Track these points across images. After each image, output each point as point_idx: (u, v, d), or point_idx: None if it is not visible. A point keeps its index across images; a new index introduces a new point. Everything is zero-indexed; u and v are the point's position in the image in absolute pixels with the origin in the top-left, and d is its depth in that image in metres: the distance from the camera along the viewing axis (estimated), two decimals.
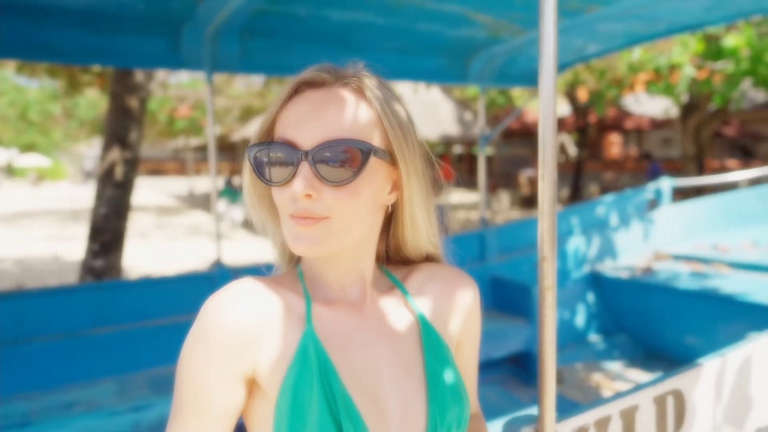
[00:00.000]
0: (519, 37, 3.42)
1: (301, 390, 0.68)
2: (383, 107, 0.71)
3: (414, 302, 0.80)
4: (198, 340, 0.69)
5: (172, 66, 2.93)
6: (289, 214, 0.70)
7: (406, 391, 0.74)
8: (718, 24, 3.28)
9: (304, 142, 0.68)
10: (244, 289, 0.71)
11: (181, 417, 0.70)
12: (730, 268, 4.06)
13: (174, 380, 0.72)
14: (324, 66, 0.74)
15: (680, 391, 1.38)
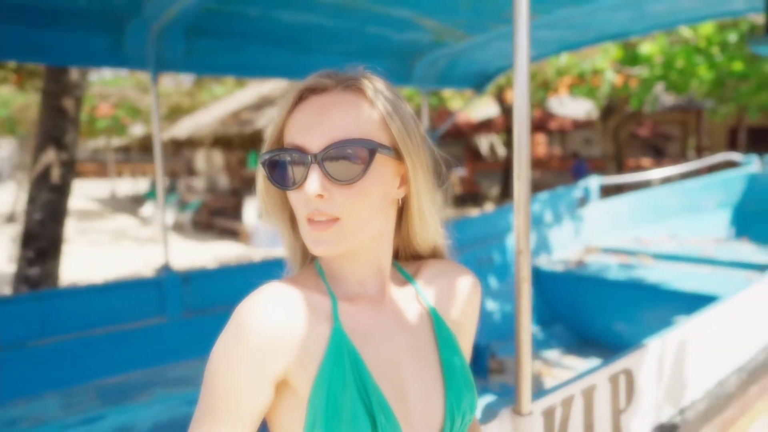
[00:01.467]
0: (462, 41, 3.56)
1: (335, 385, 0.72)
2: (385, 105, 0.75)
3: (425, 296, 0.86)
4: (233, 344, 0.71)
5: (114, 64, 2.83)
6: (306, 217, 0.73)
7: (425, 380, 0.79)
8: (641, 34, 3.57)
9: (312, 146, 0.72)
10: (276, 293, 0.74)
11: (211, 419, 0.72)
12: (652, 259, 4.40)
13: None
14: (325, 72, 0.77)
15: (630, 370, 1.52)
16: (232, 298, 2.73)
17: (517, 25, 1.10)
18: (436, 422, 0.78)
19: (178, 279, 2.96)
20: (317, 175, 0.71)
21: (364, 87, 0.75)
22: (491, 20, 3.14)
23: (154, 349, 2.85)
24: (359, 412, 0.72)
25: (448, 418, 0.79)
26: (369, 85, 0.75)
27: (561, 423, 1.32)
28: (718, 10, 2.95)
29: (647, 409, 1.60)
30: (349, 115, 0.73)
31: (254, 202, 11.97)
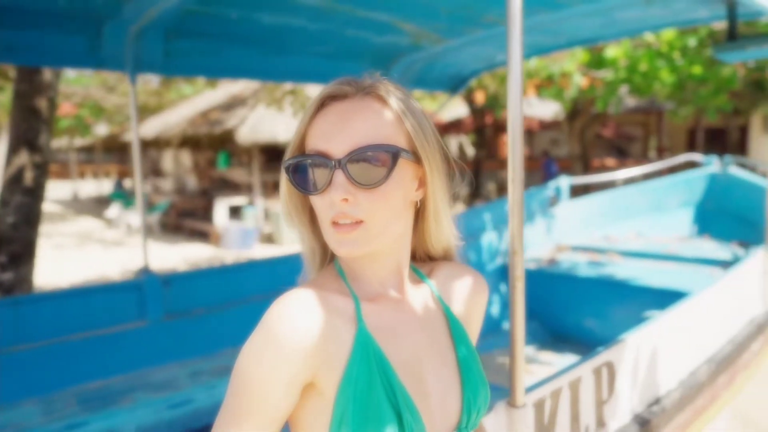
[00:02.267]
0: (438, 45, 3.62)
1: (361, 384, 0.74)
2: (403, 110, 0.78)
3: (440, 296, 0.89)
4: (264, 350, 0.72)
5: (92, 66, 2.78)
6: (330, 220, 0.76)
7: (444, 377, 0.83)
8: (610, 39, 3.70)
9: (336, 152, 0.74)
10: (303, 299, 0.75)
11: (238, 422, 0.73)
12: (620, 257, 4.56)
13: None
14: (345, 79, 0.80)
15: (611, 363, 1.60)
16: (213, 301, 2.75)
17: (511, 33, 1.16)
18: (453, 417, 0.82)
19: (159, 282, 2.93)
20: (342, 179, 0.74)
21: (383, 93, 0.78)
22: (467, 25, 3.21)
23: (135, 354, 2.82)
24: (386, 410, 0.74)
25: (465, 413, 0.82)
26: (388, 91, 0.78)
27: (550, 414, 1.39)
28: (684, 18, 3.08)
29: (626, 399, 1.68)
30: (371, 121, 0.76)
31: (225, 203, 11.84)
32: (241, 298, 3.24)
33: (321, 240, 0.87)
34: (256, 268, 3.36)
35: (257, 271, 3.35)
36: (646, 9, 2.92)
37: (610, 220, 5.35)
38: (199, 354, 3.00)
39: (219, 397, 2.57)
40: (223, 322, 3.13)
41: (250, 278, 3.30)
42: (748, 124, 18.17)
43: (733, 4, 2.75)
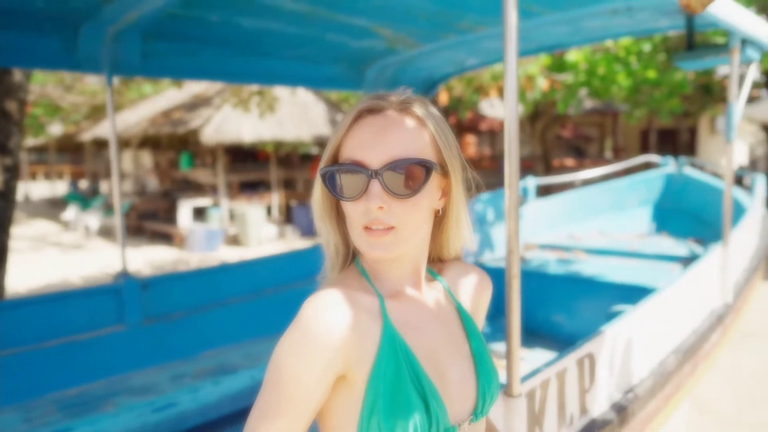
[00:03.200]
0: (413, 49, 3.70)
1: (390, 375, 0.80)
2: (434, 126, 0.85)
3: (452, 294, 0.97)
4: (301, 346, 0.77)
5: (68, 67, 2.74)
6: (363, 225, 0.82)
7: (460, 367, 0.89)
8: (576, 46, 3.86)
9: (373, 162, 0.80)
10: (334, 297, 0.81)
11: (274, 414, 0.78)
12: (585, 254, 4.75)
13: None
14: (379, 95, 0.87)
15: (592, 354, 1.70)
16: (192, 304, 2.77)
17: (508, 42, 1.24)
18: (470, 404, 0.89)
19: (137, 285, 2.91)
20: (378, 189, 0.80)
21: (416, 110, 0.85)
22: (442, 31, 3.30)
23: (115, 358, 2.79)
24: (414, 398, 0.81)
25: (480, 400, 0.90)
26: (420, 107, 0.85)
27: (540, 404, 1.48)
28: (645, 27, 3.25)
29: (605, 388, 1.80)
30: (406, 135, 0.82)
31: (188, 205, 11.64)
32: (219, 301, 3.25)
33: (345, 241, 0.93)
34: (234, 271, 3.36)
35: (235, 273, 3.36)
36: (611, 19, 3.06)
37: (574, 219, 5.55)
38: (180, 357, 3.00)
39: (203, 400, 2.58)
40: (203, 325, 3.13)
41: (229, 281, 3.31)
42: (697, 126, 19.05)
43: (691, 16, 2.93)
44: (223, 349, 3.13)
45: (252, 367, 2.91)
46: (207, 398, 2.63)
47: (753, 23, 2.62)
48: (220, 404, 2.68)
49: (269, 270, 3.50)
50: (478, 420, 0.91)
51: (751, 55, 2.77)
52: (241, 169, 12.67)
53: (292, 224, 12.28)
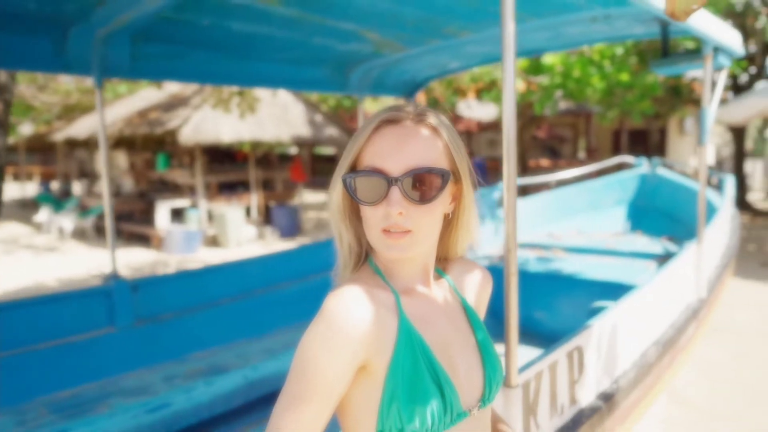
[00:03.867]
0: (398, 53, 3.77)
1: (408, 364, 0.87)
2: (449, 136, 0.92)
3: (457, 290, 1.04)
4: (327, 338, 0.83)
5: (56, 69, 2.73)
6: (382, 228, 0.88)
7: (468, 357, 0.97)
8: (555, 51, 3.98)
9: (393, 170, 0.87)
10: (355, 293, 0.87)
11: (300, 402, 0.84)
12: (564, 252, 4.88)
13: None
14: (398, 106, 0.92)
15: (581, 347, 1.80)
16: (182, 305, 2.80)
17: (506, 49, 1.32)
18: (478, 391, 0.96)
19: (127, 287, 2.91)
20: (398, 195, 0.86)
21: (433, 121, 0.91)
22: (428, 35, 3.37)
23: (106, 360, 2.80)
24: (430, 387, 0.88)
25: (487, 388, 0.97)
26: (436, 119, 0.92)
27: (534, 394, 1.56)
28: (622, 34, 3.38)
29: (593, 379, 1.89)
30: (423, 145, 0.89)
31: (166, 206, 11.51)
32: (209, 302, 3.27)
33: (359, 241, 0.99)
34: (223, 272, 3.38)
35: (224, 275, 3.38)
36: (591, 26, 3.18)
37: (553, 219, 5.70)
38: (171, 358, 3.01)
39: (197, 400, 2.62)
40: (193, 326, 3.14)
41: (218, 282, 3.33)
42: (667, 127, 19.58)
43: (666, 24, 3.07)
44: (214, 349, 3.15)
45: (243, 367, 2.93)
46: (200, 398, 2.65)
47: (724, 32, 2.76)
48: (213, 404, 2.71)
49: (258, 271, 3.54)
50: (486, 406, 0.98)
51: (722, 61, 2.91)
52: (220, 170, 12.58)
53: (271, 225, 12.25)
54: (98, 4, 2.42)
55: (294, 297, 3.62)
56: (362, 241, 0.99)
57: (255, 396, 2.92)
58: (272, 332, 3.44)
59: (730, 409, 3.68)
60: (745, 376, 4.24)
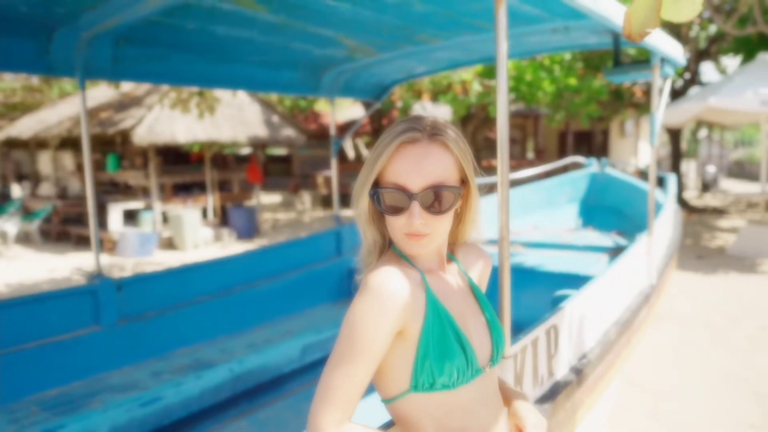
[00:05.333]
0: (369, 57, 3.93)
1: (436, 329, 1.06)
2: (458, 149, 1.09)
3: (464, 270, 1.23)
4: (373, 307, 1.01)
5: (39, 71, 2.74)
6: (404, 233, 1.07)
7: (478, 326, 1.16)
8: (517, 58, 4.24)
9: (413, 187, 1.04)
10: (393, 271, 1.04)
11: (349, 361, 1.01)
12: (524, 248, 5.17)
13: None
14: (411, 125, 1.08)
15: (556, 326, 2.02)
16: (165, 303, 2.92)
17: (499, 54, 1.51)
18: (488, 353, 1.15)
19: (112, 286, 2.95)
20: (418, 208, 1.04)
21: (443, 137, 1.07)
22: (401, 41, 3.55)
23: (93, 358, 2.83)
24: (455, 347, 1.07)
25: (495, 350, 1.16)
26: (447, 135, 1.08)
27: (520, 366, 1.77)
28: (578, 43, 3.67)
29: (566, 354, 2.12)
30: (437, 164, 1.06)
31: (118, 208, 11.23)
32: (192, 300, 3.33)
33: (382, 237, 1.17)
34: (204, 270, 3.45)
35: (206, 272, 3.45)
36: (551, 36, 3.45)
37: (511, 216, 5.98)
38: (156, 355, 3.06)
39: (187, 393, 2.74)
40: (176, 323, 3.20)
41: (200, 280, 3.40)
42: (609, 129, 20.58)
43: (618, 35, 3.36)
44: (198, 345, 3.23)
45: (227, 361, 3.03)
46: (190, 391, 2.74)
47: (670, 45, 3.07)
48: (202, 397, 2.80)
49: (238, 269, 3.62)
50: (495, 365, 1.18)
51: (668, 71, 3.23)
52: (175, 171, 12.36)
53: (229, 227, 12.14)
54: (89, 8, 2.46)
55: (273, 293, 3.73)
56: (385, 234, 1.17)
57: (241, 389, 3.02)
58: (253, 327, 3.54)
59: (671, 386, 4.04)
60: (686, 360, 4.64)
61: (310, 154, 23.69)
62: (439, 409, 1.10)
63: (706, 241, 9.92)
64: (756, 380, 4.11)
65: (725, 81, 8.42)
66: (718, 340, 5.00)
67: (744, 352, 4.69)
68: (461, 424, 1.11)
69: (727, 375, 4.23)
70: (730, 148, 35.79)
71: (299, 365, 3.39)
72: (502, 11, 1.60)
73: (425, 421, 1.11)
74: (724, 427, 3.44)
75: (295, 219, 15.58)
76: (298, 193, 20.04)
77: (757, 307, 5.94)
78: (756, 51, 9.87)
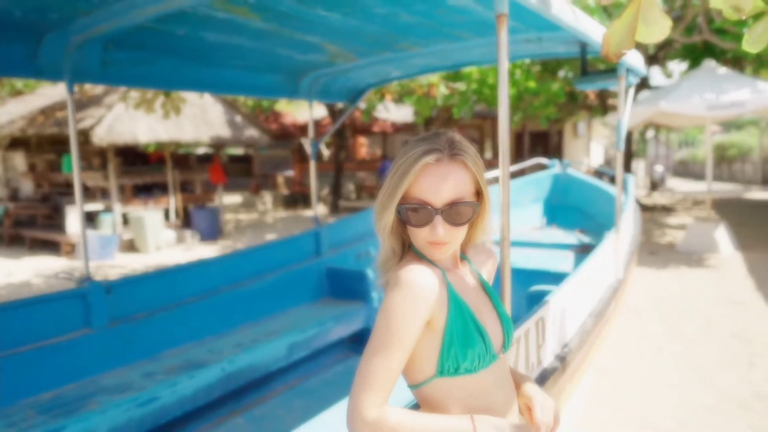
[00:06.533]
0: (349, 62, 4.04)
1: (459, 320, 1.21)
2: (474, 165, 1.22)
3: (475, 269, 1.38)
4: (408, 299, 1.14)
5: (28, 75, 2.74)
6: (427, 241, 1.21)
7: (491, 318, 1.31)
8: (488, 64, 4.44)
9: (436, 203, 1.17)
10: (422, 269, 1.18)
11: (387, 349, 1.14)
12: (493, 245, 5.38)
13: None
14: (434, 146, 1.19)
15: (543, 318, 2.19)
16: (154, 304, 2.99)
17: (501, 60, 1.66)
18: (500, 340, 1.31)
19: (102, 289, 2.96)
20: (441, 221, 1.18)
21: (461, 155, 1.20)
22: (381, 48, 3.68)
23: (85, 361, 2.84)
24: (475, 335, 1.22)
25: (506, 338, 1.32)
26: (466, 155, 1.21)
27: (515, 355, 1.93)
28: (547, 52, 3.88)
29: (551, 344, 2.30)
30: (458, 182, 1.19)
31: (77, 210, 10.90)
32: (179, 301, 3.36)
33: (401, 245, 1.30)
34: (191, 271, 3.48)
35: (192, 274, 3.49)
36: (523, 45, 3.65)
37: None
38: (146, 356, 3.09)
39: (182, 393, 2.83)
40: (165, 325, 3.23)
41: (187, 281, 3.43)
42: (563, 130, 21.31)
43: (584, 45, 3.59)
44: (187, 346, 3.27)
45: (216, 361, 3.08)
46: (185, 391, 2.79)
47: (634, 56, 3.31)
48: (196, 396, 2.86)
49: (222, 269, 3.67)
50: (507, 351, 1.33)
51: (632, 80, 3.48)
52: (135, 172, 12.09)
53: (191, 228, 11.98)
54: (83, 13, 2.48)
55: (257, 294, 3.79)
56: (404, 242, 1.30)
57: (232, 387, 3.09)
58: (238, 327, 3.60)
59: (637, 373, 4.33)
60: (644, 350, 4.96)
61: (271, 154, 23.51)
62: (462, 391, 1.24)
63: (657, 238, 10.47)
64: (706, 368, 4.44)
65: (674, 86, 8.93)
66: (672, 331, 5.35)
67: (694, 342, 5.04)
68: (482, 404, 1.26)
69: (680, 363, 4.56)
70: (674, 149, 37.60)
71: (286, 363, 3.48)
72: (503, 31, 1.75)
73: (450, 402, 1.25)
74: (683, 410, 3.73)
75: (258, 219, 15.48)
76: (259, 194, 19.87)
77: (705, 300, 6.36)
78: (701, 58, 10.48)
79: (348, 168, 18.51)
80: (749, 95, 7.83)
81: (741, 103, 7.78)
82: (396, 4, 2.62)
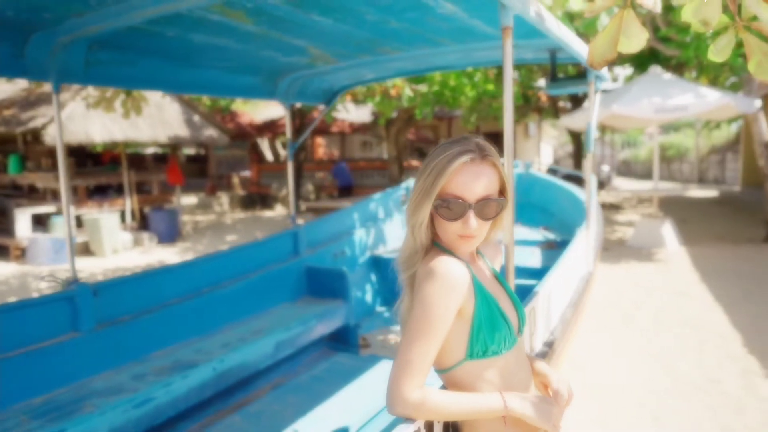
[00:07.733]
0: (328, 65, 4.11)
1: (485, 308, 1.34)
2: (501, 167, 1.37)
3: (488, 262, 1.53)
4: (443, 290, 1.26)
5: (13, 74, 2.70)
6: (458, 235, 1.33)
7: (508, 305, 1.45)
8: (462, 68, 4.60)
9: (470, 198, 1.31)
10: (452, 261, 1.30)
11: (426, 335, 1.25)
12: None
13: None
14: (467, 148, 1.32)
15: (534, 308, 2.35)
16: (141, 306, 3.04)
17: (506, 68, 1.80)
18: (517, 325, 1.45)
19: (89, 291, 2.93)
20: (473, 216, 1.31)
21: (494, 159, 1.35)
22: (363, 52, 3.77)
23: (74, 365, 2.80)
24: (500, 320, 1.36)
25: (521, 322, 1.46)
26: (495, 156, 1.36)
27: None
28: (518, 58, 4.08)
29: (540, 331, 2.46)
30: (488, 180, 1.33)
31: (26, 213, 10.45)
32: (165, 302, 3.35)
33: (429, 240, 1.40)
34: (177, 273, 3.47)
35: (177, 275, 3.48)
36: (497, 51, 3.82)
37: None
38: (135, 358, 3.07)
39: (176, 393, 2.88)
40: (151, 326, 3.22)
41: (173, 282, 3.42)
42: (515, 130, 21.92)
43: (554, 52, 3.80)
44: (174, 347, 3.27)
45: (204, 361, 3.10)
46: (178, 391, 2.81)
47: None
48: (189, 395, 2.87)
49: (205, 270, 3.67)
50: (522, 334, 1.48)
51: (599, 85, 3.72)
52: (88, 173, 11.68)
53: (149, 230, 11.69)
54: (75, 15, 2.47)
55: (239, 294, 3.81)
56: (432, 238, 1.41)
57: (224, 386, 3.12)
58: (223, 327, 3.61)
59: (599, 364, 4.60)
60: (604, 338, 5.25)
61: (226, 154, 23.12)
62: (489, 371, 1.37)
63: (607, 234, 10.99)
64: (661, 355, 4.76)
65: (624, 90, 9.40)
66: (627, 321, 5.68)
67: (648, 331, 5.38)
68: (507, 382, 1.39)
69: (637, 351, 4.86)
70: (618, 149, 39.28)
71: (272, 361, 3.52)
72: (509, 42, 1.88)
73: (479, 383, 1.37)
74: (643, 393, 4.00)
75: (216, 221, 15.23)
76: (215, 195, 19.52)
77: (657, 291, 6.77)
78: (647, 63, 11.08)
79: (307, 168, 18.45)
80: (693, 99, 8.36)
81: (685, 107, 8.30)
82: (387, 11, 2.72)
